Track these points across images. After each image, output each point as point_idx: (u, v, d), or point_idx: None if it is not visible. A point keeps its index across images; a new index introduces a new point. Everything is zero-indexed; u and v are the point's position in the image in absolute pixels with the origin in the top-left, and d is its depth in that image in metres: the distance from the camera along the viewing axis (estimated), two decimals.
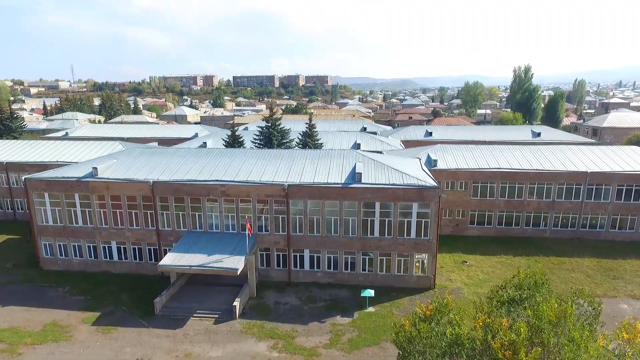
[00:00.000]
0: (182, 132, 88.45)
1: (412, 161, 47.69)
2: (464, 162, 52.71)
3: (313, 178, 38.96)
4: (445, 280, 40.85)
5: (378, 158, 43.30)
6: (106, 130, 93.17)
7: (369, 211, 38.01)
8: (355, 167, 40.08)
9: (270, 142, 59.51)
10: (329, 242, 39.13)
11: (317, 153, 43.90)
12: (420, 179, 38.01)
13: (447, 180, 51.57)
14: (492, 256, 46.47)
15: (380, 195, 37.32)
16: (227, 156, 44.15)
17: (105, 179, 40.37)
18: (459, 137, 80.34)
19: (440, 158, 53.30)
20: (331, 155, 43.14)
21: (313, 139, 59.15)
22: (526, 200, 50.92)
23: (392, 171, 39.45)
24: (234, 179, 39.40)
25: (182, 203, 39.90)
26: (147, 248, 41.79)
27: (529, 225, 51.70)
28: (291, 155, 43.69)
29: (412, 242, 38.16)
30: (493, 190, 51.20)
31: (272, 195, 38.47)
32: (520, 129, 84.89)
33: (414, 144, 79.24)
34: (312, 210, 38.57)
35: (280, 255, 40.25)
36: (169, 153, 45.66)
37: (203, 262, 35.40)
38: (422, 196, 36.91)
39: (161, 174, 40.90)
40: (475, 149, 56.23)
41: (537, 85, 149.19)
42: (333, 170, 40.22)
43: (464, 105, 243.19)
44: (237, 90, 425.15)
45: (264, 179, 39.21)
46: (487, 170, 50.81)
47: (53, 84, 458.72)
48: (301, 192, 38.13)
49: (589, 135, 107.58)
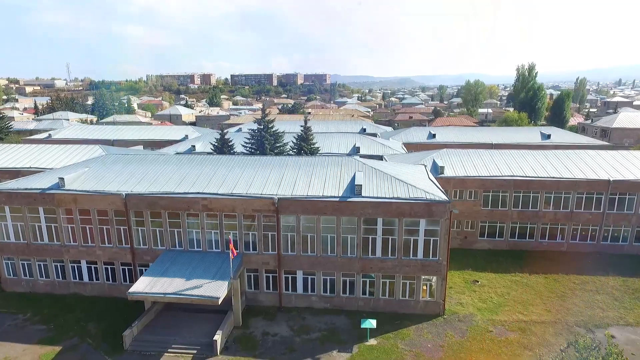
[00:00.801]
0: (171, 134, 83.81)
1: (417, 169, 43.16)
2: (473, 169, 48.19)
3: (307, 190, 34.39)
4: (455, 304, 36.33)
5: (380, 166, 38.76)
6: (92, 131, 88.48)
7: (370, 228, 33.48)
8: (354, 177, 35.52)
9: (262, 146, 54.94)
10: (325, 263, 34.61)
11: (311, 161, 39.32)
12: (428, 192, 33.46)
13: (455, 189, 47.07)
14: (505, 274, 41.97)
15: (382, 211, 32.79)
16: (211, 164, 39.56)
17: (73, 191, 35.75)
18: (464, 139, 75.85)
19: (447, 164, 48.76)
20: (327, 164, 38.58)
21: (308, 143, 54.60)
22: (542, 211, 46.43)
23: (396, 182, 34.90)
24: (217, 191, 34.82)
25: (159, 218, 35.33)
26: (121, 268, 37.23)
27: (544, 238, 47.25)
28: (283, 163, 39.11)
29: (419, 263, 33.64)
30: (505, 199, 46.72)
31: (261, 210, 33.92)
32: (529, 131, 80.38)
33: (416, 147, 74.76)
34: (305, 226, 34.02)
35: (270, 276, 35.72)
36: (147, 160, 41.07)
37: (180, 289, 30.83)
38: (431, 212, 32.37)
39: (136, 185, 36.31)
40: (484, 154, 51.69)
41: (542, 84, 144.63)
42: (329, 181, 35.66)
43: (464, 104, 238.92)
44: (235, 88, 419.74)
45: (252, 191, 34.64)
46: (499, 178, 46.30)
47: (49, 82, 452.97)
48: (293, 207, 33.58)
49: (598, 136, 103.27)
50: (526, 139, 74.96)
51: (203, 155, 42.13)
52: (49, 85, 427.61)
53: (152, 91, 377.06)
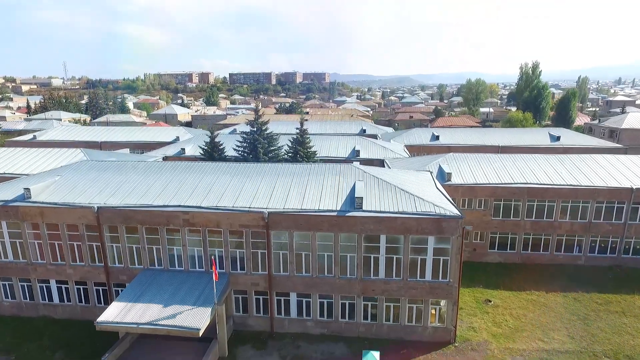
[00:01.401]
0: (162, 136, 79.92)
1: (423, 177, 39.39)
2: (482, 176, 44.46)
3: (301, 203, 30.61)
4: (467, 328, 32.61)
5: (382, 175, 35.00)
6: (80, 133, 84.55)
7: (372, 246, 29.73)
8: (354, 188, 31.74)
9: (255, 150, 51.16)
10: (322, 284, 30.84)
11: (306, 169, 35.52)
12: (438, 205, 29.71)
13: (463, 198, 43.34)
14: (520, 292, 38.25)
15: (386, 227, 29.03)
16: (196, 172, 35.76)
17: (39, 204, 31.93)
18: (469, 141, 72.13)
19: (454, 170, 45.03)
20: (324, 172, 34.78)
21: (305, 146, 50.81)
22: (557, 221, 42.75)
23: (401, 194, 31.12)
24: (200, 203, 31.03)
25: (135, 234, 31.53)
26: (95, 288, 33.43)
27: (560, 251, 43.57)
28: (275, 171, 35.32)
29: (427, 286, 29.90)
30: (518, 209, 43.00)
31: (249, 226, 30.14)
32: (537, 132, 76.63)
33: (419, 149, 71.17)
34: (299, 244, 30.26)
35: (260, 299, 31.96)
36: (126, 167, 37.25)
37: (156, 317, 27.07)
38: (441, 228, 28.63)
39: (110, 197, 32.51)
40: (494, 159, 47.95)
41: (546, 83, 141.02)
42: (326, 192, 31.87)
43: (465, 103, 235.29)
44: (233, 87, 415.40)
45: (239, 204, 30.85)
46: (511, 186, 42.58)
47: (45, 81, 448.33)
48: (285, 222, 29.82)
49: (606, 136, 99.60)
50: (534, 141, 71.30)
51: (187, 162, 38.31)
52: (45, 84, 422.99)
53: (150, 90, 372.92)
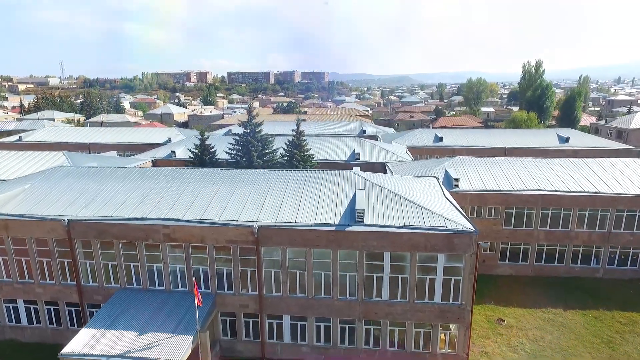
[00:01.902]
0: (153, 137, 76.60)
1: (429, 183, 36.17)
2: (492, 181, 41.26)
3: (295, 216, 27.37)
4: (480, 353, 29.41)
5: (385, 182, 31.77)
6: (69, 134, 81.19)
7: (375, 264, 26.51)
8: (354, 198, 28.50)
9: (248, 153, 47.93)
10: (318, 306, 27.63)
11: (302, 176, 32.28)
12: (449, 218, 26.49)
13: (472, 205, 40.14)
14: (535, 309, 35.07)
15: (390, 243, 25.82)
16: (179, 180, 32.51)
17: (4, 216, 28.67)
18: (474, 142, 68.95)
19: (462, 176, 41.84)
20: (322, 179, 31.54)
21: (301, 149, 47.56)
22: (574, 231, 39.58)
23: (407, 205, 27.90)
24: (182, 216, 27.77)
25: (111, 249, 28.29)
26: (67, 309, 30.17)
27: (576, 263, 40.42)
28: (267, 178, 32.08)
29: (437, 308, 26.70)
30: (531, 217, 39.83)
31: (237, 241, 26.92)
32: (544, 133, 73.39)
33: (421, 151, 67.99)
34: (293, 262, 27.04)
35: (250, 322, 28.74)
36: (104, 174, 33.98)
37: (129, 348, 23.82)
38: (452, 245, 25.42)
39: (84, 208, 29.25)
40: (504, 163, 44.75)
41: (550, 82, 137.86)
42: (324, 202, 28.64)
43: (465, 102, 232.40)
44: (232, 86, 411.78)
45: (226, 216, 27.60)
46: (524, 193, 39.37)
47: (42, 80, 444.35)
48: (278, 237, 26.59)
49: (613, 137, 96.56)
50: (542, 143, 68.16)
51: (171, 169, 34.99)
52: (42, 83, 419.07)
53: (148, 89, 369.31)
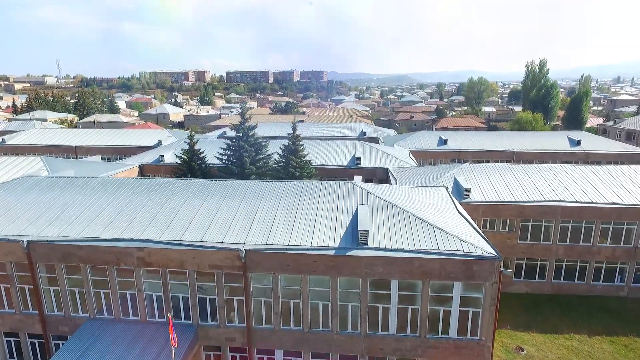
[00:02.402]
0: (143, 139, 72.88)
1: (438, 194, 32.65)
2: (506, 191, 37.72)
3: (288, 237, 23.80)
4: None
5: (390, 194, 28.23)
6: (56, 136, 77.47)
7: (381, 294, 22.95)
8: (357, 215, 24.96)
9: (240, 158, 44.37)
10: (315, 341, 24.07)
11: (297, 188, 28.70)
12: (466, 240, 22.94)
13: (484, 218, 36.59)
14: (556, 335, 31.57)
15: (399, 270, 22.28)
16: (159, 192, 28.91)
17: None
18: (480, 145, 65.49)
19: (472, 184, 38.32)
20: (319, 192, 27.99)
21: (297, 155, 43.98)
22: (596, 246, 36.09)
23: (417, 223, 24.35)
24: (159, 237, 24.18)
25: (78, 275, 24.72)
26: (29, 341, 26.59)
27: (598, 280, 36.94)
28: (258, 190, 28.51)
29: (452, 344, 23.16)
30: (549, 231, 36.31)
31: (221, 267, 23.36)
32: (554, 136, 69.83)
33: (426, 155, 64.55)
34: (286, 290, 23.49)
35: (237, 357, 25.18)
36: (75, 186, 30.37)
37: None
38: (471, 272, 21.89)
39: (48, 226, 25.67)
40: (518, 171, 41.24)
41: (555, 82, 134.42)
42: (322, 220, 25.07)
43: (466, 102, 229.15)
44: (230, 86, 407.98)
45: (209, 237, 24.02)
46: (542, 205, 35.84)
47: (39, 79, 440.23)
48: (268, 263, 23.04)
49: (623, 139, 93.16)
50: (552, 146, 64.69)
51: (151, 180, 31.33)
52: (39, 83, 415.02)
53: (145, 88, 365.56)
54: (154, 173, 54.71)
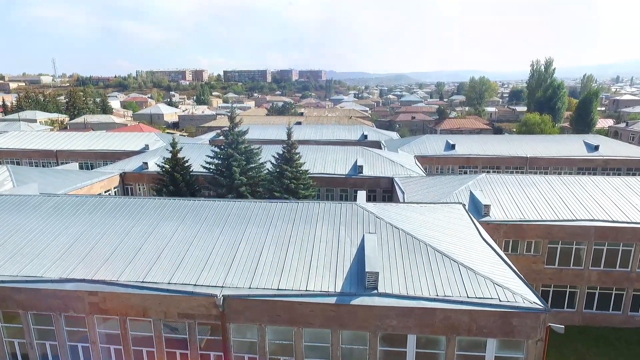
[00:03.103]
0: (129, 143, 68.04)
1: (456, 215, 27.98)
2: (530, 208, 33.01)
3: (278, 279, 19.07)
4: None
5: (401, 219, 23.55)
6: (36, 139, 72.52)
7: (395, 352, 18.24)
8: (363, 248, 20.23)
9: (229, 168, 39.63)
10: None
11: (290, 211, 23.94)
12: (500, 282, 18.25)
13: (506, 239, 31.89)
14: None
15: (418, 323, 17.57)
16: (126, 215, 24.15)
17: None
18: (490, 150, 60.87)
19: (491, 199, 33.63)
20: (317, 217, 23.25)
21: (292, 164, 39.19)
22: (635, 272, 31.44)
23: (438, 259, 19.64)
24: (117, 277, 19.45)
25: (17, 323, 19.97)
26: None
27: (636, 310, 32.29)
28: (242, 214, 23.76)
29: None
30: (580, 254, 31.63)
31: (194, 316, 18.63)
32: (569, 140, 65.11)
33: (432, 161, 59.90)
34: (275, 346, 18.75)
35: None
36: (28, 206, 25.56)
37: None
38: (510, 327, 17.21)
39: None
40: (542, 184, 36.54)
41: (562, 82, 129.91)
42: (320, 256, 20.33)
43: (468, 102, 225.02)
44: (228, 85, 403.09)
45: (179, 277, 19.28)
46: (573, 224, 31.15)
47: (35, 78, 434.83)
48: (252, 312, 18.30)
49: (636, 142, 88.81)
50: (568, 152, 60.09)
51: (119, 200, 26.46)
52: (34, 82, 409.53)
53: (142, 88, 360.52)
54: (136, 182, 50.02)
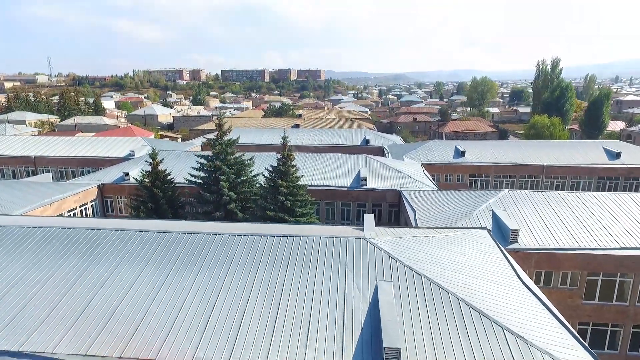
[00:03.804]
0: (114, 149, 63.11)
1: (481, 244, 23.33)
2: (564, 232, 28.37)
3: (267, 350, 14.35)
4: None
5: (421, 258, 18.86)
6: (14, 145, 67.39)
7: None
8: (375, 303, 15.53)
9: (217, 182, 34.90)
10: None
11: (283, 247, 19.19)
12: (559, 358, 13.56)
13: (537, 269, 27.29)
14: None
15: None
16: (77, 253, 19.33)
17: None
18: (503, 158, 56.32)
19: (518, 221, 28.97)
20: (317, 257, 18.52)
21: (289, 179, 34.39)
22: None
23: (478, 321, 14.95)
24: (53, 349, 14.67)
25: None
26: None
27: None
28: (223, 251, 18.99)
29: None
30: (625, 288, 27.06)
31: None
32: (587, 147, 60.40)
33: (441, 169, 55.36)
34: None
35: None
36: None
37: None
38: None
39: None
40: (573, 201, 31.88)
41: (570, 82, 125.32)
42: (320, 315, 15.61)
43: (469, 102, 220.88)
44: (225, 85, 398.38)
45: (133, 351, 14.50)
46: (616, 254, 26.54)
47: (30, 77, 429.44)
48: None
49: None
50: (587, 159, 55.61)
51: (73, 231, 21.51)
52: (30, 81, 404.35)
53: (139, 87, 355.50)
54: (116, 194, 45.28)
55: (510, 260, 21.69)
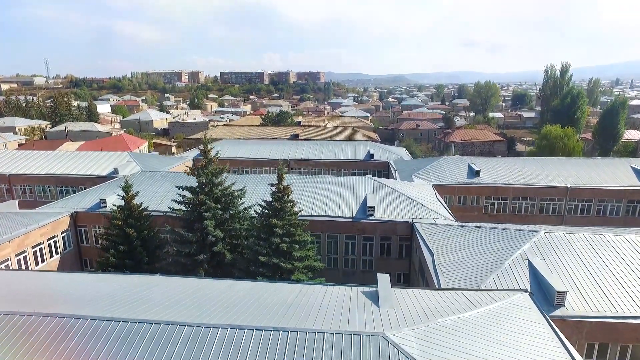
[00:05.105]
0: (96, 165, 57.66)
1: (522, 313, 18.23)
2: (621, 292, 23.18)
3: None
4: None
5: (445, 342, 13.71)
6: None
7: None
8: None
9: (200, 218, 29.71)
10: None
11: (276, 344, 14.05)
12: None
13: (590, 341, 22.14)
14: None
15: None
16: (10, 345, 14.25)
17: None
18: (522, 178, 51.09)
19: (563, 278, 23.83)
20: (315, 348, 13.42)
21: (285, 217, 29.17)
22: None
23: None
24: None
25: None
26: None
27: None
28: (197, 355, 13.87)
29: None
30: None
31: None
32: (613, 166, 54.79)
33: (454, 191, 50.20)
34: None
35: None
36: None
37: None
38: None
39: None
40: (624, 247, 26.68)
41: (582, 89, 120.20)
42: None
43: (472, 107, 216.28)
44: (224, 87, 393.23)
45: None
46: None
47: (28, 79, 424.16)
48: None
49: None
50: (615, 180, 50.38)
51: (10, 318, 16.42)
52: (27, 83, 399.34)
53: (137, 89, 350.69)
54: (91, 224, 40.11)
55: (565, 342, 16.59)
